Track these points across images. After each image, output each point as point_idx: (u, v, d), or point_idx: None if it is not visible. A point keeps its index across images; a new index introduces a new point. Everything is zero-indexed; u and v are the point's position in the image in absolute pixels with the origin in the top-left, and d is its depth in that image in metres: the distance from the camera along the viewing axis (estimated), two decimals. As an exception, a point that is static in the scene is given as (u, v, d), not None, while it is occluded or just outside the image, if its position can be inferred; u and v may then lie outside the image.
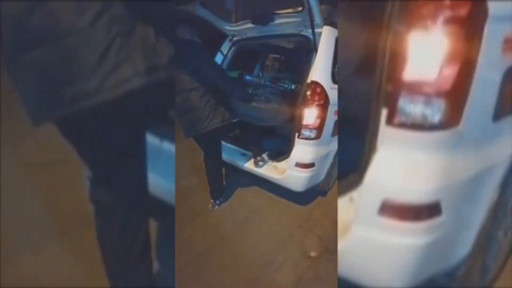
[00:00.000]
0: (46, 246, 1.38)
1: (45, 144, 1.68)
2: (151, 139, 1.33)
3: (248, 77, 2.69)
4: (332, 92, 1.78)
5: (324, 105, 1.75)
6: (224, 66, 2.48)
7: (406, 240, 0.89)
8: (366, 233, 0.92)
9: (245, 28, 2.33)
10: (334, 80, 1.84)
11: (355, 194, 0.92)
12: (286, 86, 2.58)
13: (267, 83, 2.69)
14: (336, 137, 1.98)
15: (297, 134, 1.80)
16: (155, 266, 1.19)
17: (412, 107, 0.85)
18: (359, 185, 0.91)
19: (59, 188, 1.62)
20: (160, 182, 1.29)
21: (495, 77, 0.88)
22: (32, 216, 1.45)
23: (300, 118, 1.78)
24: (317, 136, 1.78)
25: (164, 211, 1.33)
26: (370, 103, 0.89)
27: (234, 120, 1.88)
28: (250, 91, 2.33)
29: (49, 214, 1.51)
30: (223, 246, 1.73)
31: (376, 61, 0.87)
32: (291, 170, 1.87)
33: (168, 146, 1.30)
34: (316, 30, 1.75)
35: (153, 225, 1.36)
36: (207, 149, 1.97)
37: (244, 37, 2.45)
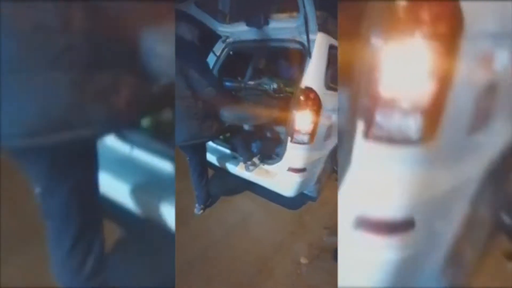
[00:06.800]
0: (8, 254, 1.31)
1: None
2: (121, 146, 1.30)
3: (228, 83, 2.66)
4: (325, 98, 1.78)
5: (317, 110, 1.76)
6: (217, 68, 2.44)
7: (381, 255, 0.89)
8: (341, 247, 0.92)
9: (239, 31, 2.29)
10: (327, 86, 1.85)
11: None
12: (266, 86, 2.57)
13: (248, 86, 2.69)
14: (327, 142, 1.99)
15: (289, 138, 1.79)
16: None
17: (389, 121, 0.84)
18: None
19: (20, 196, 1.41)
20: (129, 191, 1.25)
21: (471, 92, 0.87)
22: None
23: (293, 122, 1.77)
24: (310, 141, 1.78)
25: (132, 222, 1.28)
26: (345, 117, 0.89)
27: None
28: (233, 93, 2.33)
29: (11, 223, 1.42)
30: (212, 253, 1.68)
31: (352, 74, 0.86)
32: (283, 175, 1.86)
33: (138, 154, 1.26)
34: (310, 36, 1.75)
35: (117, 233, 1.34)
36: (191, 157, 1.95)
37: (237, 39, 2.42)
